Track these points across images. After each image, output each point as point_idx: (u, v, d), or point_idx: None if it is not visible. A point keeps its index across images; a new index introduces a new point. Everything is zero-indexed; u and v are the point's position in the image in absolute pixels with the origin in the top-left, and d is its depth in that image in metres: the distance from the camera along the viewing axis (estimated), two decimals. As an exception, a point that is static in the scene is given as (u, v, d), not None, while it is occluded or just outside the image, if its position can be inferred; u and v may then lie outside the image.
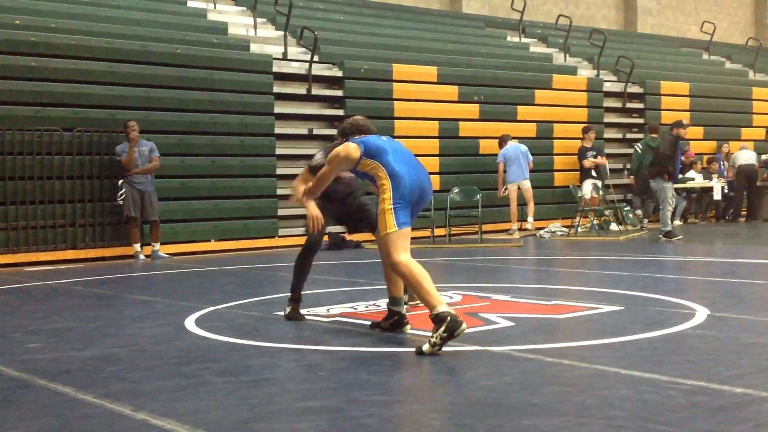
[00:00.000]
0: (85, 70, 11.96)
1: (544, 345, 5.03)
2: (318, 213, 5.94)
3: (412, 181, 5.20)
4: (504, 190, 14.84)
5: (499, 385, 4.10)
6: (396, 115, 14.65)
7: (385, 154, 5.24)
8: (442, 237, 13.71)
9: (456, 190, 14.13)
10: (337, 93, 14.40)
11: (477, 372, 4.41)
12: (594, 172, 15.38)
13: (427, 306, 4.92)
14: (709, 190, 17.25)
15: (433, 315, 4.81)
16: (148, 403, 3.91)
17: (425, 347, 4.77)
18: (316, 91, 14.29)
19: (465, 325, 4.79)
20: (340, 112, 13.93)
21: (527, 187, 14.77)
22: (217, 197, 12.79)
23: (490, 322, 5.82)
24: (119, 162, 11.59)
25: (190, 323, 6.13)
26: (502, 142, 14.88)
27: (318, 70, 14.34)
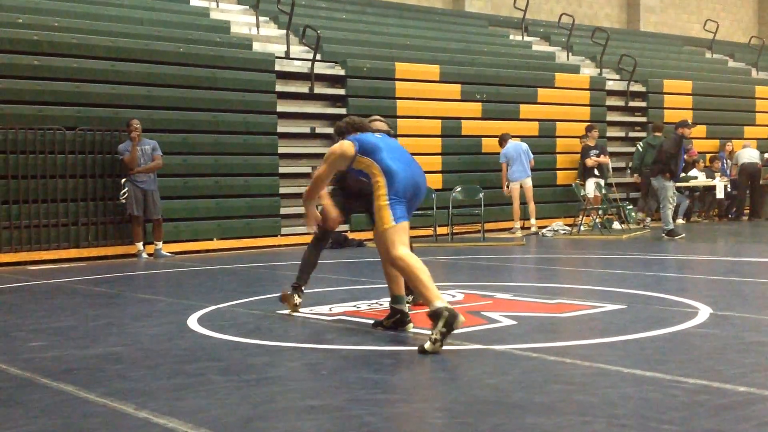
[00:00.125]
0: (88, 69, 11.97)
1: (546, 343, 5.03)
2: (337, 214, 5.96)
3: (407, 177, 5.23)
4: (508, 189, 14.81)
5: (502, 383, 4.10)
6: (398, 113, 14.64)
7: (379, 152, 5.29)
8: (444, 236, 13.71)
9: (458, 189, 14.13)
10: (339, 92, 14.40)
11: (479, 370, 4.41)
12: (597, 171, 15.36)
13: (425, 301, 4.93)
14: (711, 188, 17.24)
15: (431, 311, 4.82)
16: (151, 401, 3.91)
17: (427, 345, 4.77)
18: (319, 89, 14.29)
19: (462, 318, 4.79)
20: (343, 111, 13.92)
21: (529, 186, 14.76)
22: (219, 196, 12.80)
23: (492, 321, 5.82)
24: (122, 161, 11.60)
25: (193, 322, 6.14)
26: (502, 141, 14.87)
27: (320, 68, 14.34)
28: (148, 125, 12.00)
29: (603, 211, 14.83)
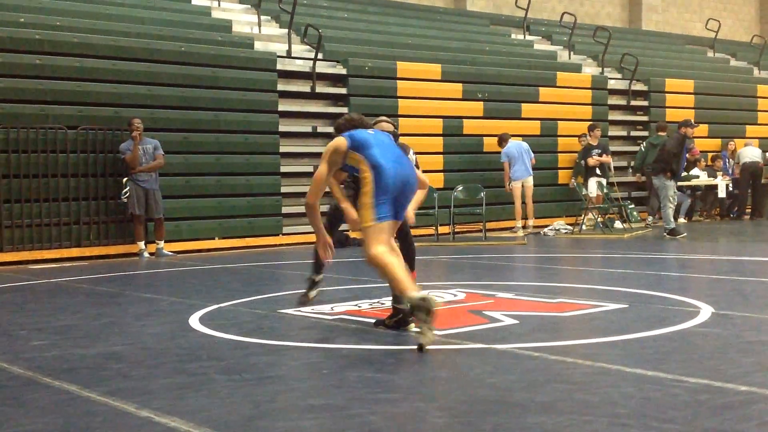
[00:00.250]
0: (90, 68, 11.97)
1: (548, 343, 5.03)
2: (356, 215, 5.93)
3: (395, 173, 5.26)
4: (510, 186, 14.79)
5: (503, 382, 4.10)
6: (400, 112, 14.63)
7: (369, 148, 5.33)
8: (446, 235, 13.72)
9: (460, 188, 14.13)
10: (341, 91, 14.39)
11: (481, 370, 4.41)
12: (598, 170, 15.36)
13: (399, 291, 5.00)
14: (713, 187, 17.23)
15: (409, 304, 4.88)
16: (152, 400, 3.91)
17: (423, 340, 4.80)
18: (320, 88, 14.28)
19: (437, 300, 4.91)
20: (344, 110, 13.91)
21: (530, 185, 14.77)
22: (221, 195, 12.81)
23: (494, 320, 5.82)
24: (123, 160, 11.61)
25: (194, 321, 6.14)
26: (502, 141, 14.86)
27: (322, 67, 14.33)
28: (149, 124, 12.00)
29: (604, 210, 14.82)
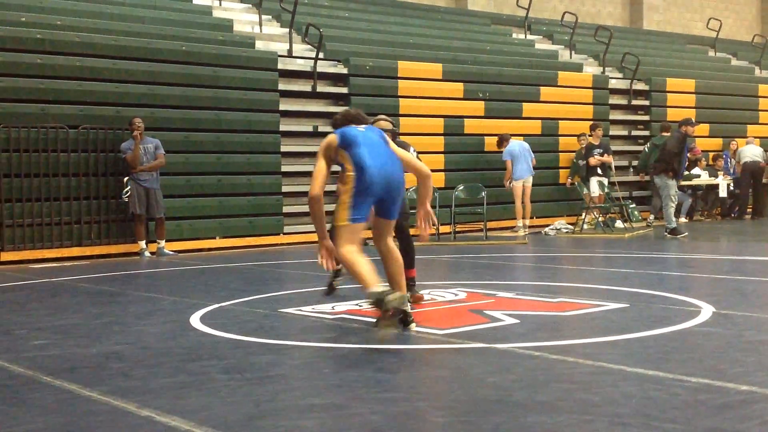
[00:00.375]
0: (91, 68, 11.97)
1: (548, 342, 5.03)
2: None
3: (380, 174, 5.28)
4: (509, 184, 14.78)
5: (504, 382, 4.10)
6: (401, 112, 14.62)
7: (356, 146, 5.34)
8: (447, 234, 13.71)
9: (461, 187, 14.14)
10: (342, 90, 14.39)
11: (481, 369, 4.41)
12: (599, 170, 15.35)
13: (362, 288, 5.11)
14: (714, 187, 17.22)
15: (371, 299, 4.97)
16: (153, 399, 3.91)
17: (377, 334, 4.99)
18: (321, 88, 14.28)
19: (403, 295, 5.04)
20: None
21: (529, 185, 14.78)
22: (222, 194, 12.80)
23: (494, 320, 5.82)
24: (124, 159, 11.61)
25: (195, 320, 6.14)
26: (503, 141, 14.84)
27: (323, 67, 14.33)
28: (150, 123, 12.00)
29: (606, 209, 14.82)
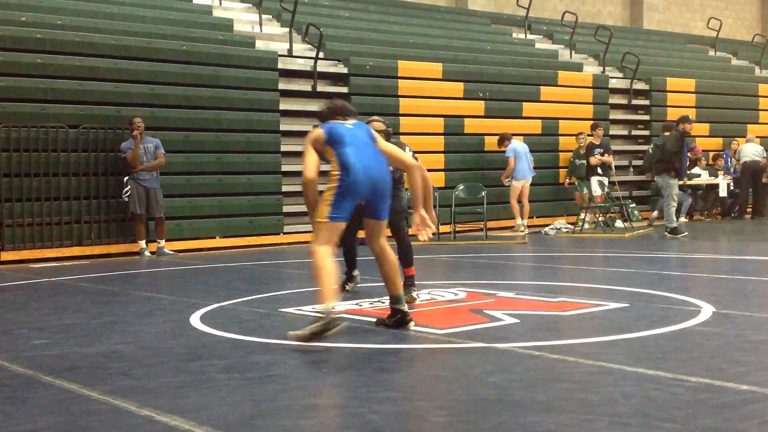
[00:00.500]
0: (91, 67, 11.97)
1: (548, 342, 5.03)
2: None
3: (365, 174, 5.25)
4: (508, 181, 14.78)
5: (504, 381, 4.11)
6: (401, 111, 14.63)
7: (342, 145, 5.30)
8: (447, 234, 13.71)
9: (461, 187, 14.14)
10: (342, 90, 14.38)
11: (481, 369, 4.41)
12: (600, 169, 15.35)
13: (317, 299, 5.10)
14: (714, 186, 17.21)
15: (319, 312, 5.00)
16: (153, 399, 3.91)
17: (297, 332, 4.99)
18: (322, 87, 14.28)
19: (343, 325, 4.99)
20: (345, 109, 13.89)
21: (528, 185, 14.79)
22: (222, 194, 12.80)
23: (495, 319, 5.82)
24: (124, 159, 11.61)
25: (195, 320, 6.14)
26: (504, 140, 14.82)
27: (323, 66, 14.33)
28: (150, 123, 12.00)
29: (606, 209, 14.82)
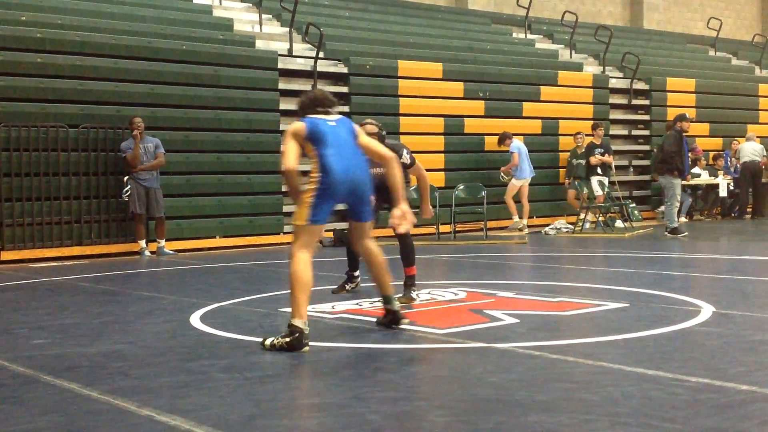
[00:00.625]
0: (91, 67, 11.97)
1: (548, 342, 5.03)
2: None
3: (345, 176, 5.20)
4: (508, 177, 14.77)
5: (504, 381, 4.11)
6: (401, 111, 14.63)
7: (324, 146, 5.22)
8: (447, 234, 13.71)
9: (461, 187, 14.14)
10: (342, 89, 14.37)
11: (481, 369, 4.41)
12: (600, 169, 15.35)
13: (291, 312, 5.03)
14: (714, 186, 17.21)
15: (289, 324, 4.97)
16: (153, 399, 3.91)
17: (267, 341, 4.99)
18: (322, 87, 14.27)
19: (307, 348, 4.91)
20: (346, 109, 13.90)
21: (527, 185, 14.80)
22: (222, 194, 12.80)
23: (494, 319, 5.82)
24: (124, 158, 11.61)
25: (195, 320, 6.15)
26: (506, 138, 14.82)
27: (323, 66, 14.33)
28: (150, 123, 12.00)
29: (606, 209, 14.82)
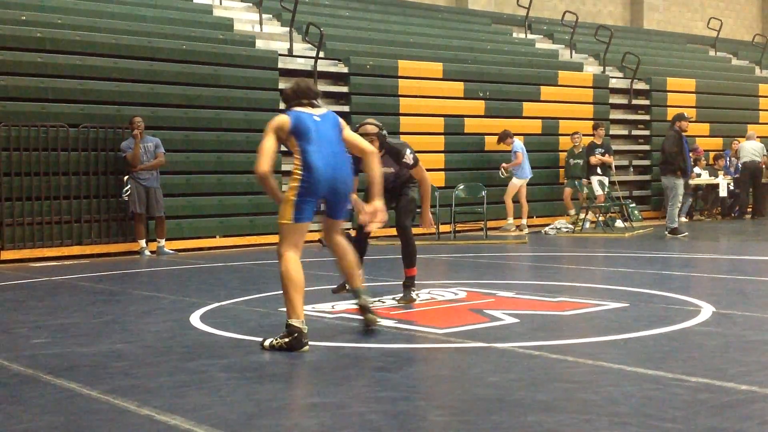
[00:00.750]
0: (91, 66, 11.97)
1: (548, 342, 5.03)
2: (362, 206, 5.81)
3: (326, 174, 5.22)
4: (508, 174, 14.77)
5: (504, 381, 4.11)
6: (401, 111, 14.63)
7: (308, 142, 5.23)
8: (447, 233, 13.71)
9: (461, 187, 14.14)
10: (342, 89, 14.38)
11: (482, 368, 4.41)
12: (600, 169, 15.35)
13: (287, 313, 5.02)
14: (714, 186, 17.20)
15: (286, 324, 4.95)
16: (153, 398, 3.92)
17: (266, 342, 4.97)
18: (322, 87, 14.24)
19: (307, 348, 4.89)
20: (346, 109, 13.92)
21: (526, 185, 14.81)
22: (222, 193, 12.80)
23: (494, 319, 5.82)
24: (124, 158, 11.60)
25: (195, 319, 6.15)
26: (506, 137, 14.82)
27: (323, 66, 14.33)
28: (150, 122, 12.00)
29: (606, 209, 14.82)
